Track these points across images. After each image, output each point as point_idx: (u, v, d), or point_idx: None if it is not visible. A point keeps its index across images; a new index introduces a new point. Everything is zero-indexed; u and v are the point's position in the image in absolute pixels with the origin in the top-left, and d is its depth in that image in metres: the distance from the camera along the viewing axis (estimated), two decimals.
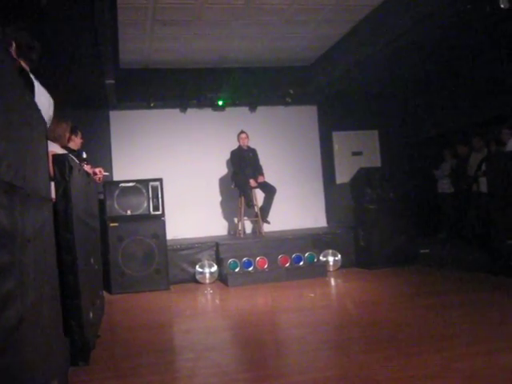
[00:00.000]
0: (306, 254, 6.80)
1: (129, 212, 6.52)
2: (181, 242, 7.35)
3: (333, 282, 6.55)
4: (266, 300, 5.72)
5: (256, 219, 7.80)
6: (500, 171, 5.80)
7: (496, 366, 2.81)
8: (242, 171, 7.61)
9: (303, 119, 9.45)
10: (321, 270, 6.76)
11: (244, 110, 9.07)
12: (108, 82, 6.96)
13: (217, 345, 3.80)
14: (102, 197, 6.44)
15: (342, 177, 9.18)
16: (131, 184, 6.62)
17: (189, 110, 8.82)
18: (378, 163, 9.68)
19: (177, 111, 8.82)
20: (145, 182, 6.64)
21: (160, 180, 6.67)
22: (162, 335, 4.26)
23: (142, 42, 7.22)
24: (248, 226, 8.69)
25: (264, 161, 7.95)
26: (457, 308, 4.41)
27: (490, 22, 5.92)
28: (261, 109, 9.12)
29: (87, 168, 4.87)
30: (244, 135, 7.80)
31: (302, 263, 6.76)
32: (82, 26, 5.16)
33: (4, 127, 1.54)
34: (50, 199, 2.70)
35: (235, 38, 7.31)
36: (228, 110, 8.92)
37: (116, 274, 6.38)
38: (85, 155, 5.36)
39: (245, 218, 7.92)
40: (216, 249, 6.97)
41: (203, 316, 5.07)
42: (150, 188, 6.61)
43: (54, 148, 3.81)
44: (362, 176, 7.30)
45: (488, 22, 5.89)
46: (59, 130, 4.19)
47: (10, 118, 1.67)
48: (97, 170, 5.29)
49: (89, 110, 8.27)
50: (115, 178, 7.89)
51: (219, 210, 8.89)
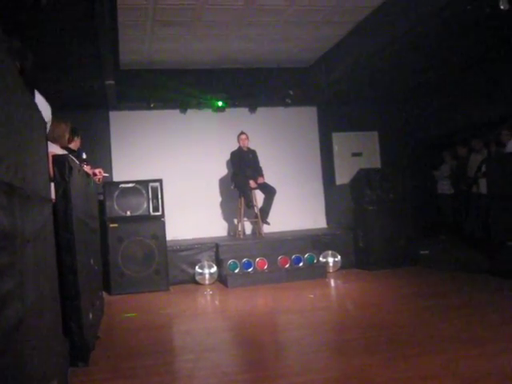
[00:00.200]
0: (306, 255, 6.80)
1: (128, 213, 6.52)
2: (180, 242, 7.34)
3: (332, 283, 6.55)
4: (265, 301, 5.71)
5: (256, 220, 7.80)
6: (500, 172, 5.81)
7: (496, 367, 2.81)
8: (242, 172, 7.60)
9: (303, 120, 9.45)
10: (320, 271, 6.76)
11: (244, 110, 9.07)
12: (108, 82, 6.95)
13: (216, 346, 3.80)
14: (101, 197, 6.44)
15: (342, 178, 9.17)
16: (131, 185, 6.62)
17: (189, 111, 8.81)
18: (377, 164, 9.68)
19: (177, 112, 8.81)
20: (145, 183, 6.64)
21: (160, 181, 6.67)
22: (162, 336, 4.25)
23: (142, 43, 7.23)
24: (248, 227, 8.68)
25: (264, 162, 7.96)
26: (456, 309, 4.40)
27: (490, 23, 5.92)
28: (261, 110, 9.12)
29: (87, 169, 4.86)
30: (244, 136, 7.81)
31: (301, 264, 6.76)
32: (82, 27, 5.15)
33: (4, 128, 1.54)
34: (50, 200, 2.70)
35: (235, 39, 7.31)
36: (228, 110, 8.91)
37: (115, 275, 6.38)
38: (85, 156, 5.36)
39: (245, 218, 7.92)
40: (216, 250, 6.97)
41: (203, 317, 5.06)
42: (150, 189, 6.61)
43: (54, 149, 3.81)
44: (362, 177, 7.30)
45: (487, 23, 5.89)
46: (58, 130, 4.19)
47: (10, 118, 1.67)
48: (97, 170, 5.29)
49: (89, 111, 8.27)
50: (115, 178, 7.88)
51: (219, 210, 8.89)
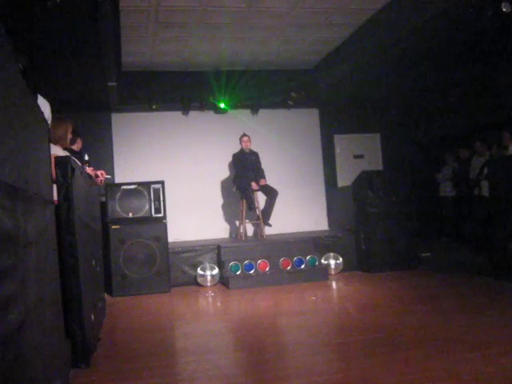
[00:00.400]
0: (308, 257, 6.80)
1: (130, 214, 6.53)
2: (182, 244, 7.34)
3: (334, 285, 6.54)
4: (267, 303, 5.71)
5: (258, 222, 7.80)
6: (502, 175, 5.80)
7: (498, 370, 2.81)
8: (244, 174, 7.61)
9: (305, 122, 9.45)
10: (322, 274, 6.75)
11: (246, 112, 9.07)
12: (110, 84, 6.96)
13: (218, 348, 3.80)
14: (103, 199, 6.45)
15: (344, 180, 9.16)
16: (133, 186, 6.63)
17: (191, 113, 8.82)
18: (379, 166, 9.66)
19: (179, 114, 8.82)
20: (146, 185, 6.65)
21: (162, 182, 6.68)
22: (163, 338, 4.25)
23: (144, 45, 7.24)
24: (250, 229, 8.68)
25: (266, 164, 7.96)
26: (458, 312, 4.40)
27: (492, 26, 5.92)
28: (263, 112, 9.12)
29: (89, 170, 4.87)
30: (246, 138, 7.81)
31: (303, 266, 6.76)
32: (85, 29, 5.17)
33: (6, 130, 1.55)
34: (53, 201, 2.71)
35: (237, 41, 7.32)
36: (230, 112, 8.91)
37: (117, 277, 6.38)
38: (87, 157, 5.36)
39: (246, 220, 7.92)
40: (217, 251, 6.97)
41: (204, 319, 5.06)
42: (152, 190, 6.62)
43: (56, 150, 3.81)
44: (364, 179, 7.30)
45: (490, 25, 5.89)
46: (60, 131, 4.19)
47: (13, 120, 1.68)
48: (99, 172, 5.30)
49: (91, 113, 8.29)
50: (117, 180, 7.89)
51: (221, 212, 8.89)
